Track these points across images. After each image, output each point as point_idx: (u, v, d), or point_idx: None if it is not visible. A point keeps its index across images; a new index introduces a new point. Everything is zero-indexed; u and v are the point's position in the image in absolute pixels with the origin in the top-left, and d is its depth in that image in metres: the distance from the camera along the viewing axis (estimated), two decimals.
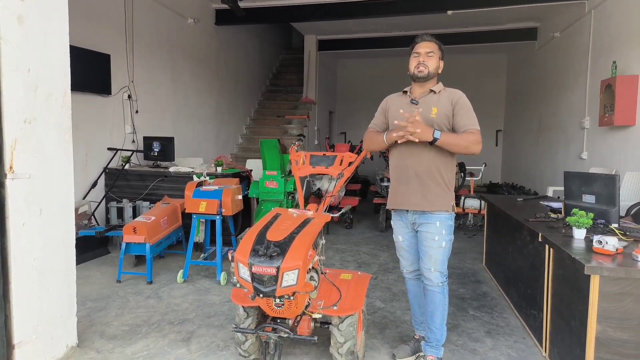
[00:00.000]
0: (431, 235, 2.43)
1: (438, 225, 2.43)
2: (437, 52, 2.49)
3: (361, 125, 12.42)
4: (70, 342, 2.68)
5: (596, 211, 2.56)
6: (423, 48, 2.49)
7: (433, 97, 2.48)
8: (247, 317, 2.40)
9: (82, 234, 4.40)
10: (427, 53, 2.47)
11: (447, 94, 2.49)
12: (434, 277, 2.45)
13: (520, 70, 10.04)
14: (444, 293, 2.49)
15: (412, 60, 2.51)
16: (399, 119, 2.40)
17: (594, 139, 5.89)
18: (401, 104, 2.53)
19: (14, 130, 2.23)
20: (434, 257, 2.43)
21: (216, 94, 8.28)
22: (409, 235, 2.57)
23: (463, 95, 2.48)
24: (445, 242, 2.44)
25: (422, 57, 2.47)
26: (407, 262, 2.65)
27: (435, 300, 2.49)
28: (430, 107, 2.45)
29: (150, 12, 6.18)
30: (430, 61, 2.46)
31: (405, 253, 2.63)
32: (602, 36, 5.72)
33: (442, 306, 2.49)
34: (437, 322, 2.51)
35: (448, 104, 2.43)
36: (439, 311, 2.49)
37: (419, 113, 2.29)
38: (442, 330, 2.53)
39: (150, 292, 3.72)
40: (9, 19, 2.17)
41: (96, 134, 5.27)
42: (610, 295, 1.98)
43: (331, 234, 6.15)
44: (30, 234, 2.34)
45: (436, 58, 2.50)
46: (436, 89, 2.50)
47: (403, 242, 2.61)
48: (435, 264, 2.44)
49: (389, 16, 7.61)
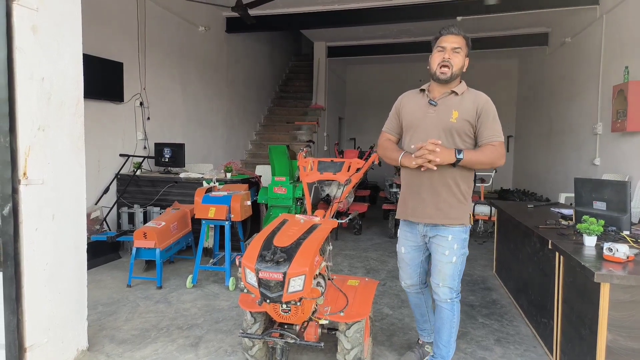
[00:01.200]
0: (442, 249, 2.28)
1: (450, 239, 2.26)
2: (464, 49, 2.19)
3: (371, 131, 12.44)
4: (81, 346, 2.72)
5: (607, 218, 2.53)
6: (449, 42, 2.17)
7: (454, 99, 2.23)
8: (254, 323, 2.41)
9: (94, 239, 4.46)
10: (454, 49, 2.16)
11: (472, 97, 2.23)
12: (442, 292, 2.32)
13: (531, 76, 9.96)
14: (453, 310, 2.34)
15: (435, 56, 2.20)
16: (414, 123, 2.24)
17: (607, 145, 5.81)
18: (418, 104, 2.33)
19: (27, 137, 2.28)
20: (442, 271, 2.29)
21: (226, 100, 8.36)
22: (412, 249, 2.47)
23: (488, 101, 2.24)
24: (457, 257, 2.28)
25: (447, 53, 2.16)
26: (405, 274, 2.55)
27: (442, 317, 2.36)
28: (450, 110, 2.21)
29: (162, 20, 6.29)
30: (456, 59, 2.17)
31: (406, 266, 2.53)
32: (613, 41, 5.66)
33: (449, 323, 2.35)
34: (444, 338, 2.38)
35: (472, 109, 2.19)
36: (445, 328, 2.36)
37: (438, 143, 2.08)
38: (449, 347, 2.40)
39: (160, 297, 3.75)
40: (23, 29, 2.23)
41: (109, 140, 5.36)
42: (620, 304, 1.95)
43: (340, 240, 6.14)
44: (42, 239, 2.38)
45: (462, 55, 2.20)
46: (458, 90, 2.24)
47: (405, 255, 2.51)
48: (443, 279, 2.30)
49: (398, 23, 7.62)
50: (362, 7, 7.28)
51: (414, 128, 2.33)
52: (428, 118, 2.27)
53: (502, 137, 2.21)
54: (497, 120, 2.23)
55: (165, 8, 6.30)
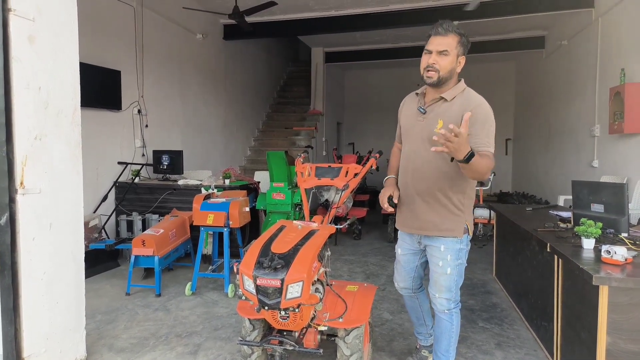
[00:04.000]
0: (435, 260, 2.25)
1: (443, 249, 2.21)
2: (454, 49, 2.06)
3: (369, 136, 12.46)
4: (79, 355, 2.70)
5: (605, 220, 2.53)
6: (435, 45, 2.06)
7: (442, 107, 2.13)
8: (253, 330, 2.40)
9: (93, 247, 4.45)
10: (440, 52, 2.05)
11: (462, 101, 2.09)
12: (439, 303, 2.29)
13: (528, 79, 10.00)
14: (452, 321, 2.30)
15: (423, 60, 2.11)
16: (407, 130, 2.24)
17: (605, 147, 5.82)
18: (412, 111, 2.27)
19: (24, 146, 2.28)
20: (438, 282, 2.26)
21: (224, 107, 8.38)
22: (409, 252, 2.46)
23: (481, 105, 2.06)
24: (451, 269, 2.21)
25: (432, 57, 2.06)
26: (400, 277, 2.55)
27: (441, 327, 2.33)
28: (436, 119, 2.10)
29: (159, 28, 6.31)
30: (443, 62, 2.04)
31: (401, 268, 2.53)
32: (610, 43, 5.69)
33: (447, 334, 2.31)
34: (443, 348, 2.35)
35: (459, 116, 1.99)
36: (444, 338, 2.33)
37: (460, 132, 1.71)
38: (448, 356, 2.36)
39: (159, 305, 3.74)
40: (20, 39, 2.24)
41: (107, 148, 5.36)
42: (619, 306, 1.94)
43: (339, 245, 6.13)
44: (40, 248, 2.38)
45: (452, 56, 2.06)
46: (449, 95, 2.11)
47: (401, 257, 2.51)
48: (439, 291, 2.26)
49: (395, 28, 7.65)
50: (359, 12, 7.30)
51: (406, 136, 2.32)
52: (417, 126, 2.23)
53: (491, 147, 2.00)
54: (489, 128, 2.04)
55: (162, 16, 6.33)
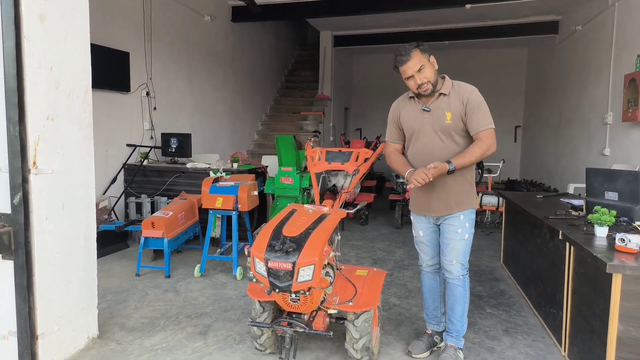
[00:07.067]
0: (454, 228, 2.43)
1: (462, 218, 2.43)
2: (423, 60, 2.26)
3: (377, 122, 12.43)
4: (91, 334, 2.75)
5: (619, 208, 2.50)
6: (409, 69, 2.26)
7: (444, 101, 2.36)
8: (263, 312, 2.43)
9: (103, 228, 4.49)
10: (418, 71, 2.25)
11: (457, 91, 2.35)
12: (455, 269, 2.46)
13: (540, 65, 9.83)
14: (465, 286, 2.50)
15: (409, 84, 2.33)
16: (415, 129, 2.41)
17: (617, 135, 5.74)
18: (413, 111, 2.46)
19: (37, 127, 2.28)
20: (456, 249, 2.44)
21: (232, 90, 8.33)
22: (430, 230, 2.58)
23: (473, 91, 2.34)
24: (468, 235, 2.45)
25: (416, 78, 2.27)
26: (427, 256, 2.64)
27: (455, 293, 2.50)
28: (443, 112, 2.35)
29: (168, 9, 6.25)
30: (426, 74, 2.26)
31: (426, 247, 2.62)
32: (625, 29, 5.56)
33: (462, 299, 2.51)
34: (458, 314, 2.53)
35: (459, 104, 2.31)
36: (459, 304, 2.51)
37: (429, 172, 2.20)
38: (463, 321, 2.55)
39: (168, 286, 3.78)
40: (31, 18, 2.22)
41: (116, 130, 5.36)
42: (632, 295, 1.94)
43: (346, 230, 6.14)
44: (53, 228, 2.40)
45: (428, 65, 2.27)
46: (445, 90, 2.35)
47: (424, 237, 2.61)
48: (457, 256, 2.45)
49: (405, 11, 7.52)
50: None
51: (416, 134, 2.47)
52: (426, 123, 2.41)
53: (491, 124, 2.29)
54: (485, 109, 2.31)
55: None
